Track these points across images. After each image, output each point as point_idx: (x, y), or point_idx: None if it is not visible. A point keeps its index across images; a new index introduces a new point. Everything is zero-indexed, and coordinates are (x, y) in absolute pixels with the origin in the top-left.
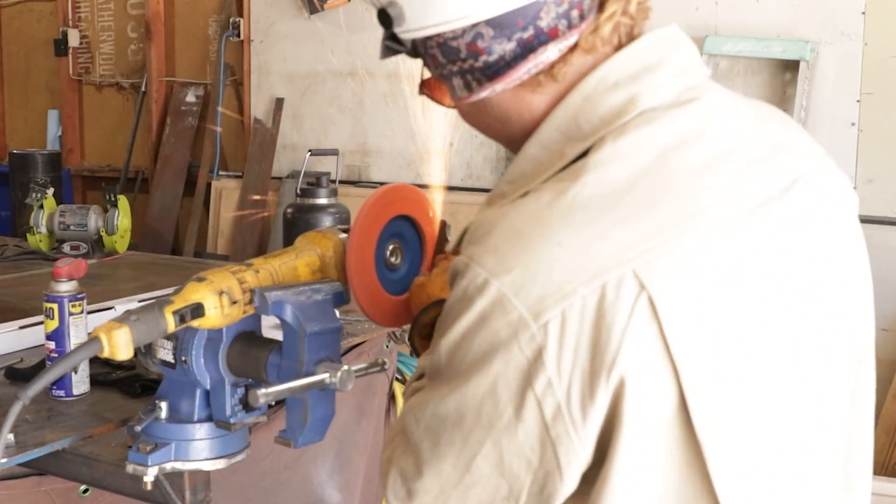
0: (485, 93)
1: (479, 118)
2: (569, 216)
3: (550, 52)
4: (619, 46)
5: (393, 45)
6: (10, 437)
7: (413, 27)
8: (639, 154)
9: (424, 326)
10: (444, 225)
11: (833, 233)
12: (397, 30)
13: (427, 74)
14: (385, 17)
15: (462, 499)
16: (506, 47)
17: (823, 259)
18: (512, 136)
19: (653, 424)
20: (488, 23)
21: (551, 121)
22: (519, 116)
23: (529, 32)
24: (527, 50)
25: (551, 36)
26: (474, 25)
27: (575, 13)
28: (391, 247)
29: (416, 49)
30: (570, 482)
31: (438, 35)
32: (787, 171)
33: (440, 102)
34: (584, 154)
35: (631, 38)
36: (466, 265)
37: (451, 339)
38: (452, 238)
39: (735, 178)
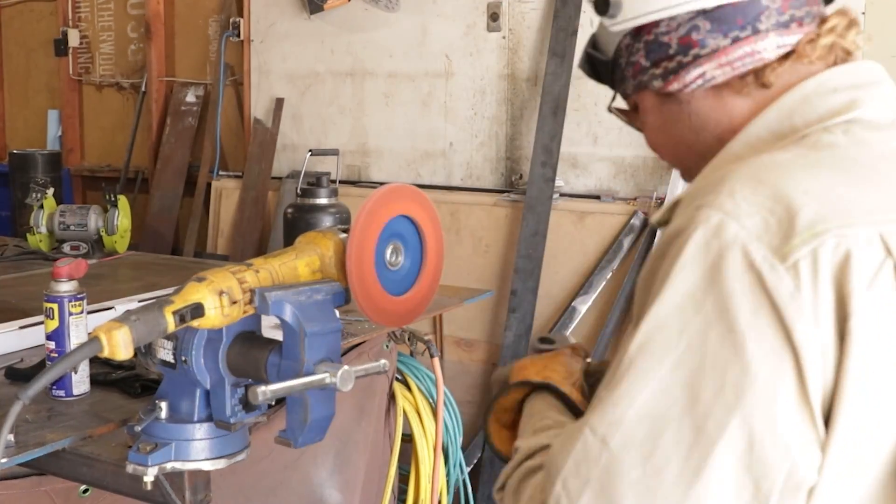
0: (692, 76)
1: (671, 130)
2: (814, 170)
3: (769, 45)
4: (834, 65)
5: (595, 53)
6: (10, 436)
7: (630, 15)
8: (872, 146)
9: (504, 412)
10: (560, 340)
11: None
12: (611, 21)
13: (618, 103)
14: (603, 4)
15: None
16: (720, 42)
17: None
18: (704, 148)
19: (875, 384)
20: (706, 16)
21: (761, 120)
22: (717, 124)
23: (746, 32)
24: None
25: (759, 37)
26: (691, 18)
27: (795, 26)
28: (391, 247)
29: (618, 58)
30: (817, 463)
31: (651, 28)
32: None
33: (631, 123)
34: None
35: (846, 62)
36: (694, 214)
37: (667, 304)
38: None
39: None
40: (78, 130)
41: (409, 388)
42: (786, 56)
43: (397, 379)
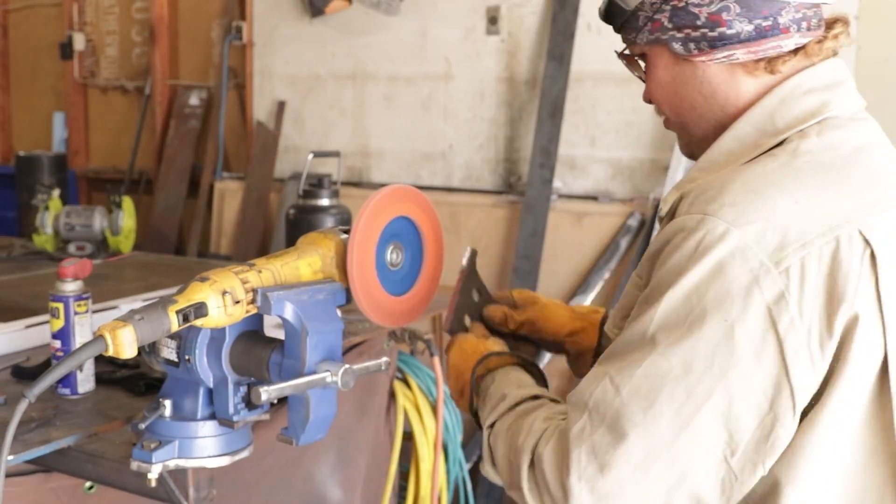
0: (722, 54)
1: (680, 90)
2: (801, 179)
3: (789, 43)
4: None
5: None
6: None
7: None
8: (841, 146)
9: (480, 378)
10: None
11: None
12: None
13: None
14: None
15: (671, 459)
16: (744, 27)
17: None
18: (708, 113)
19: (864, 376)
20: (738, 1)
21: (749, 117)
22: (725, 97)
23: (768, 22)
24: (760, 36)
25: (783, 33)
26: None
27: (804, 24)
28: (391, 247)
29: (638, 11)
30: (795, 427)
31: None
32: None
33: (632, 69)
34: (779, 145)
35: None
36: (701, 219)
37: (678, 293)
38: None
39: None
40: (83, 133)
41: (409, 387)
42: (796, 51)
43: (398, 377)
